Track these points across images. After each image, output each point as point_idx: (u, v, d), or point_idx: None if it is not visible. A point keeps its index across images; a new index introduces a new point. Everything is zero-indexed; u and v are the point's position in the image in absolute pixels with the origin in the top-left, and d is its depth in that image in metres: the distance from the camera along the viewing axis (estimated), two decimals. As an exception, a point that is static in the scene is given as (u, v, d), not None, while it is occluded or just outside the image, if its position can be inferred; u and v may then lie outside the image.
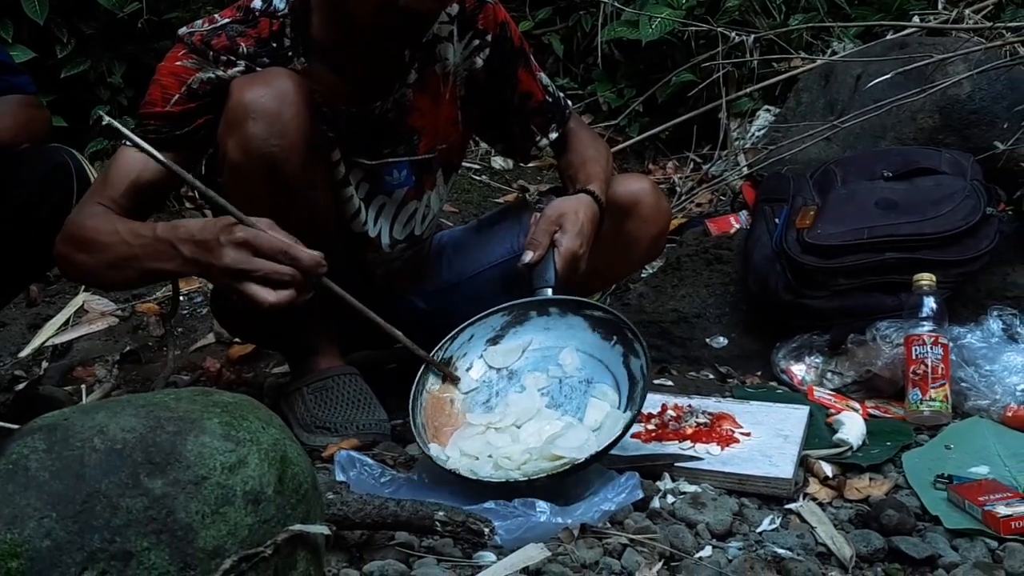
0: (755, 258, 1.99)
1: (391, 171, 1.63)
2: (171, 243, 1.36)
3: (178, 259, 1.35)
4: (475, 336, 1.52)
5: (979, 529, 1.26)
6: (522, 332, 1.52)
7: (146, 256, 1.38)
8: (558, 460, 1.29)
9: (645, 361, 1.40)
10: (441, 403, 1.47)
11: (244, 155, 1.41)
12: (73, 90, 3.03)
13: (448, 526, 1.13)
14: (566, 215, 1.56)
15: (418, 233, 1.73)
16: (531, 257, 1.53)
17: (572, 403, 1.45)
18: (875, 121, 2.29)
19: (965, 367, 1.70)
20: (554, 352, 1.51)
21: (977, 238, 1.85)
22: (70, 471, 0.78)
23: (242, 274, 1.30)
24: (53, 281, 2.74)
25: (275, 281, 1.30)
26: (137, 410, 0.84)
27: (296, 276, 1.30)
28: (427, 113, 1.63)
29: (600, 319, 1.49)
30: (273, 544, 0.81)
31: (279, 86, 1.41)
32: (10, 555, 0.75)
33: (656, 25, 3.02)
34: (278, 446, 0.86)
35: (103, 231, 1.42)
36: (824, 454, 1.48)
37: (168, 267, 1.39)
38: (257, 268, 1.29)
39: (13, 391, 1.97)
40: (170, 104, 1.46)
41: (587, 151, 1.73)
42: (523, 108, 1.72)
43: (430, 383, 1.47)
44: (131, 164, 1.46)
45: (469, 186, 3.23)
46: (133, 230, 1.41)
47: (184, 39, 1.48)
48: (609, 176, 1.71)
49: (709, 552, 1.20)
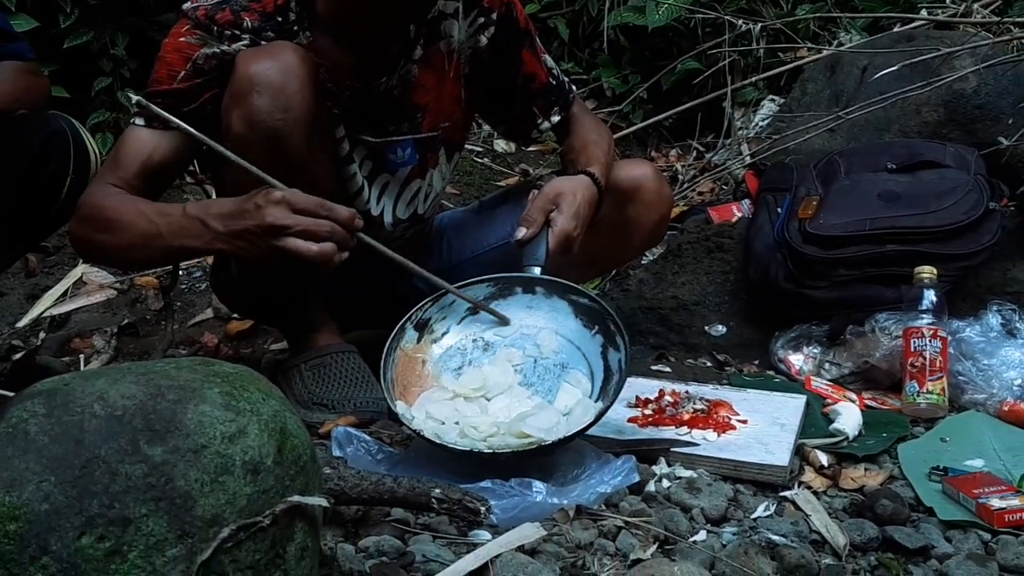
0: (756, 247, 1.99)
1: (395, 149, 1.63)
2: (201, 220, 1.36)
3: (208, 235, 1.35)
4: (457, 301, 1.50)
5: (973, 521, 1.27)
6: (504, 306, 1.51)
7: (171, 234, 1.38)
8: (525, 439, 1.29)
9: (625, 356, 1.40)
10: (413, 362, 1.46)
11: (248, 128, 1.40)
12: (76, 61, 3.00)
13: (444, 504, 1.13)
14: (563, 194, 1.55)
15: (421, 212, 1.72)
16: (524, 234, 1.52)
17: (544, 384, 1.44)
18: (880, 113, 2.28)
19: (963, 361, 1.70)
20: (533, 331, 1.49)
21: (979, 232, 1.85)
22: (70, 436, 0.78)
23: (283, 229, 1.30)
24: (52, 252, 2.74)
25: (316, 235, 1.30)
26: (138, 378, 0.84)
27: (335, 229, 1.30)
28: (431, 90, 1.62)
29: (585, 307, 1.48)
30: (271, 514, 0.81)
31: (285, 59, 1.41)
32: (8, 518, 0.75)
33: (663, 11, 3.01)
34: (278, 417, 0.86)
35: (125, 211, 1.42)
36: (820, 443, 1.49)
37: (195, 244, 1.38)
38: (297, 223, 1.29)
39: (10, 360, 1.97)
40: (176, 81, 1.45)
41: (589, 135, 1.72)
42: (526, 89, 1.71)
43: (405, 340, 1.46)
44: (142, 144, 1.45)
45: (471, 169, 3.22)
46: (158, 209, 1.41)
47: (188, 13, 1.47)
48: (610, 161, 1.70)
49: (703, 536, 1.21)
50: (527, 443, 1.28)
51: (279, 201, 1.30)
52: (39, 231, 1.84)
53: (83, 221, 1.47)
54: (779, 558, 1.14)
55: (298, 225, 1.29)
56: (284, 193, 1.31)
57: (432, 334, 1.49)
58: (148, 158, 1.45)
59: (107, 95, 3.07)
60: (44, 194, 1.68)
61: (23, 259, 2.63)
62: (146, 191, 1.46)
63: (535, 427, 1.30)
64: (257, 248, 1.32)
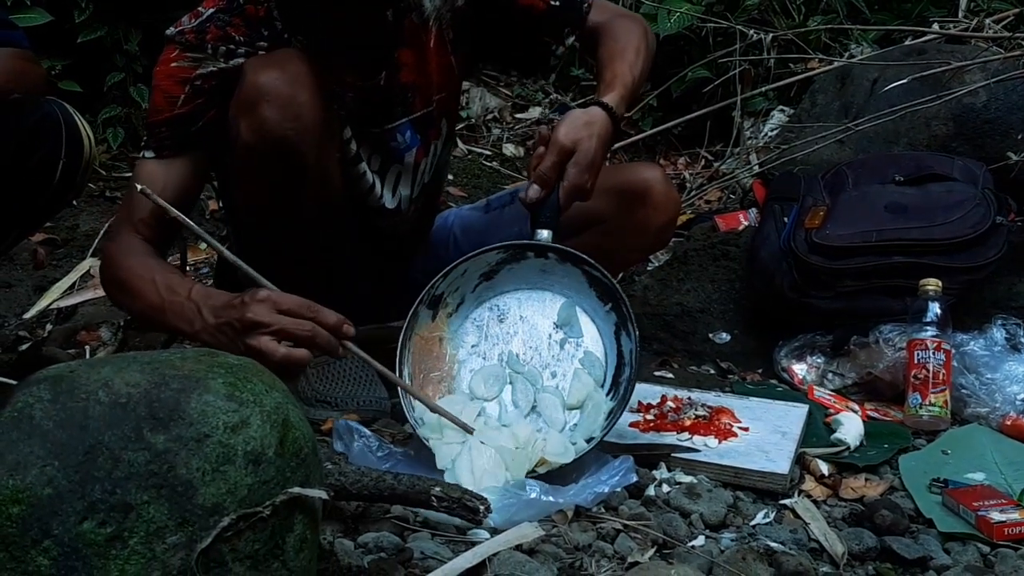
0: (762, 256, 1.99)
1: (395, 136, 1.61)
2: (198, 307, 1.34)
3: (198, 323, 1.33)
4: (468, 271, 1.48)
5: (972, 533, 1.27)
6: (517, 270, 1.48)
7: (172, 313, 1.37)
8: (544, 464, 1.29)
9: (636, 348, 1.39)
10: (429, 344, 1.45)
11: (257, 138, 1.40)
12: (89, 56, 3.03)
13: (444, 501, 1.13)
14: (580, 142, 1.44)
15: (427, 181, 1.71)
16: (536, 194, 1.45)
17: (561, 365, 1.44)
18: (889, 126, 2.28)
19: (966, 374, 1.70)
20: (547, 298, 1.48)
21: (986, 246, 1.85)
22: (74, 422, 0.79)
23: (259, 327, 1.26)
24: (60, 245, 2.75)
25: (292, 336, 1.26)
26: (143, 367, 0.84)
27: (318, 332, 1.27)
28: (414, 67, 1.59)
29: (597, 280, 1.45)
30: (272, 505, 0.81)
31: (293, 68, 1.40)
32: (12, 501, 0.76)
33: (674, 20, 3.01)
34: (280, 409, 0.87)
35: (139, 276, 1.43)
36: (821, 452, 1.49)
37: (186, 329, 1.37)
38: (276, 322, 1.26)
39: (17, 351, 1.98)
40: (177, 106, 1.45)
41: (614, 44, 1.60)
42: (528, 23, 1.64)
43: (419, 325, 1.44)
44: (153, 182, 1.44)
45: (479, 172, 3.23)
46: (168, 284, 1.40)
47: (175, 38, 1.47)
48: (636, 69, 1.57)
49: (702, 541, 1.21)
50: (545, 468, 1.29)
51: (264, 299, 1.27)
52: (35, 216, 1.83)
53: (108, 279, 1.49)
54: (777, 565, 1.14)
55: (275, 324, 1.26)
56: (271, 292, 1.28)
57: (447, 307, 1.48)
58: (160, 193, 1.42)
59: (119, 90, 3.09)
60: (37, 178, 1.67)
61: (31, 251, 2.64)
62: (161, 230, 1.47)
63: (552, 454, 1.29)
64: (233, 344, 1.28)
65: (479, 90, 3.59)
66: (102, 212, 2.88)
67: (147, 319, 1.48)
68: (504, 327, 1.49)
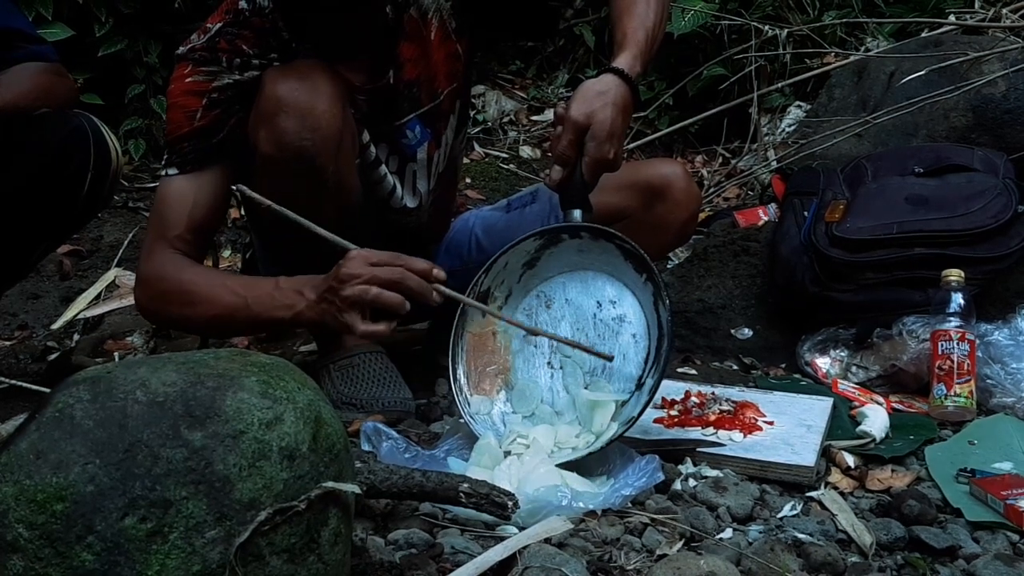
0: (783, 250, 1.99)
1: (404, 132, 1.63)
2: (296, 289, 1.42)
3: (301, 302, 1.42)
4: (510, 263, 1.50)
5: (1000, 522, 1.26)
6: (556, 254, 1.49)
7: (260, 306, 1.44)
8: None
9: (669, 315, 1.40)
10: (483, 339, 1.48)
11: (276, 148, 1.42)
12: (110, 69, 3.07)
13: (472, 498, 1.15)
14: (594, 114, 1.41)
15: (442, 170, 1.72)
16: (558, 175, 1.44)
17: (605, 344, 1.46)
18: (907, 118, 2.28)
19: (991, 364, 1.70)
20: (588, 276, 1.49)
21: (1008, 236, 1.84)
22: (113, 421, 0.80)
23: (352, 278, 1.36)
24: (86, 256, 2.79)
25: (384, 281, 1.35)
26: (178, 366, 0.86)
27: (407, 276, 1.35)
28: (417, 61, 1.60)
29: (631, 252, 1.45)
30: (307, 499, 0.83)
31: (312, 79, 1.42)
32: (56, 498, 0.77)
33: (689, 18, 3.02)
34: (313, 406, 0.88)
35: (205, 284, 1.47)
36: (847, 445, 1.48)
37: (284, 315, 1.44)
38: (366, 272, 1.35)
39: (46, 361, 2.01)
40: (196, 120, 1.48)
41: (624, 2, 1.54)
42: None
43: (469, 322, 1.47)
44: (183, 196, 1.48)
45: (496, 175, 3.25)
46: (244, 282, 1.46)
47: (186, 56, 1.49)
48: (649, 21, 1.52)
49: (730, 534, 1.21)
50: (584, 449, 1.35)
51: (355, 257, 1.37)
52: (63, 228, 1.86)
53: (156, 297, 1.51)
54: (805, 556, 1.15)
55: (367, 274, 1.35)
56: (361, 251, 1.37)
57: (495, 301, 1.50)
58: (192, 208, 1.48)
59: (140, 102, 3.13)
60: (66, 191, 1.70)
61: (57, 262, 2.68)
62: (199, 243, 1.51)
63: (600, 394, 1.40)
64: (334, 306, 1.38)
65: (495, 93, 3.61)
66: (126, 223, 2.92)
67: (220, 324, 1.51)
68: (552, 312, 1.51)
